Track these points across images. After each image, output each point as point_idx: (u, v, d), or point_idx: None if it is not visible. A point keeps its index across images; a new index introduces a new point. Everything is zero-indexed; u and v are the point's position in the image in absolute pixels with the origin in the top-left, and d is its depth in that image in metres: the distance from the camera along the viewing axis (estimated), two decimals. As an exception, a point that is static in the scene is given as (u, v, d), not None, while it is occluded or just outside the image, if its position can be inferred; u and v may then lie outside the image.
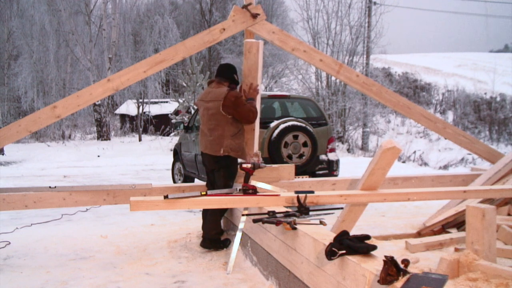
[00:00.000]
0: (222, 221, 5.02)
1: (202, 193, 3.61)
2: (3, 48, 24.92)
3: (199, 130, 4.67)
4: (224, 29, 4.63)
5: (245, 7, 4.65)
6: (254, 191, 3.71)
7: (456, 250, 3.83)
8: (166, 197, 3.42)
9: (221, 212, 4.42)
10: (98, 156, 15.86)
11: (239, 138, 4.34)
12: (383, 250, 3.14)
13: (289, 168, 4.91)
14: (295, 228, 2.88)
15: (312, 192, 3.67)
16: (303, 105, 7.27)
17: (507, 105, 25.98)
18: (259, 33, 4.75)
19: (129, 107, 26.65)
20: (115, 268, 3.93)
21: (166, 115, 22.41)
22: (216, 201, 3.65)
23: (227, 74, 4.48)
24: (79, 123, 27.61)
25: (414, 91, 29.07)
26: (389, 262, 1.94)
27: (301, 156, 6.20)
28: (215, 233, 4.37)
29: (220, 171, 4.31)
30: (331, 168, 6.61)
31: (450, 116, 26.00)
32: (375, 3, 19.55)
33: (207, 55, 30.67)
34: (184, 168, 8.42)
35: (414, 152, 16.27)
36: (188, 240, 4.73)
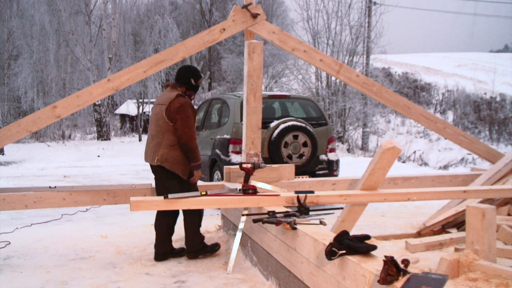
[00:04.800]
0: (221, 221, 5.03)
1: (202, 193, 3.61)
2: (3, 48, 24.89)
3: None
4: (224, 29, 4.63)
5: (245, 7, 4.65)
6: (254, 191, 3.70)
7: (456, 250, 3.83)
8: (166, 197, 3.42)
9: (196, 222, 4.19)
10: (98, 156, 15.83)
11: (178, 150, 3.99)
12: (383, 250, 3.15)
13: (289, 168, 4.92)
14: (295, 228, 2.88)
15: (312, 192, 3.67)
16: (303, 105, 7.28)
17: (507, 105, 25.95)
18: (259, 33, 4.74)
19: (129, 107, 26.65)
20: (115, 268, 3.93)
21: (166, 115, 22.36)
22: (216, 201, 3.65)
23: (182, 79, 4.14)
24: (79, 123, 27.58)
25: (414, 91, 29.03)
26: (389, 262, 1.94)
27: (301, 156, 6.20)
28: (199, 242, 4.18)
29: (171, 182, 4.03)
30: (331, 168, 6.62)
31: (450, 116, 25.98)
32: (375, 3, 19.53)
33: (207, 55, 30.70)
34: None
35: (414, 152, 16.26)
36: (188, 240, 4.73)
